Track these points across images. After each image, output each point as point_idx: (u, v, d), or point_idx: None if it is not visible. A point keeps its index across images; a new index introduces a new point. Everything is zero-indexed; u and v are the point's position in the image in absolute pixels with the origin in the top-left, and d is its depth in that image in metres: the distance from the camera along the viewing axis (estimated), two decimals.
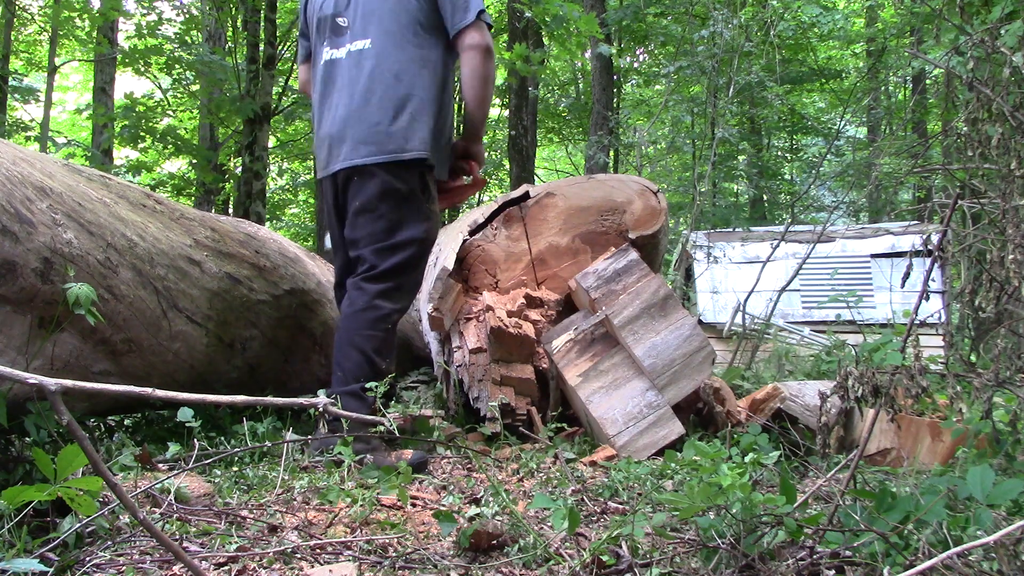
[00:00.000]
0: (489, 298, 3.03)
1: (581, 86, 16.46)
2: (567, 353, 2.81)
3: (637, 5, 11.49)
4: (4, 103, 10.14)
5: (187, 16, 9.88)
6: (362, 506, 1.72)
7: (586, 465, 2.38)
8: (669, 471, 2.15)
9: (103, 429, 2.75)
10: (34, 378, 1.09)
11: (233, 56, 9.54)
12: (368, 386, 2.35)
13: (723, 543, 1.39)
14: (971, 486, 1.38)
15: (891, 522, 1.35)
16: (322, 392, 2.27)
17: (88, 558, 1.38)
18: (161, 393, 1.22)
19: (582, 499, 1.91)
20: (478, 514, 1.66)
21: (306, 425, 2.85)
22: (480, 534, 1.51)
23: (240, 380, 2.72)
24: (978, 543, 1.12)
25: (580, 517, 1.49)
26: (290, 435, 2.35)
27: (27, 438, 1.73)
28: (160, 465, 2.09)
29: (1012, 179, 1.54)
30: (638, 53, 14.88)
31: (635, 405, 2.61)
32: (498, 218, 3.31)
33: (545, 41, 12.23)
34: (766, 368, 6.00)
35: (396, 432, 2.22)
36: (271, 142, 10.49)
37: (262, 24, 8.27)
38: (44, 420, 1.67)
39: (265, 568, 1.39)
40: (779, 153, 18.27)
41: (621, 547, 1.44)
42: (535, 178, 13.82)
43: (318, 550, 1.50)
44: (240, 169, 8.40)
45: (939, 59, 1.75)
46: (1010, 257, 1.49)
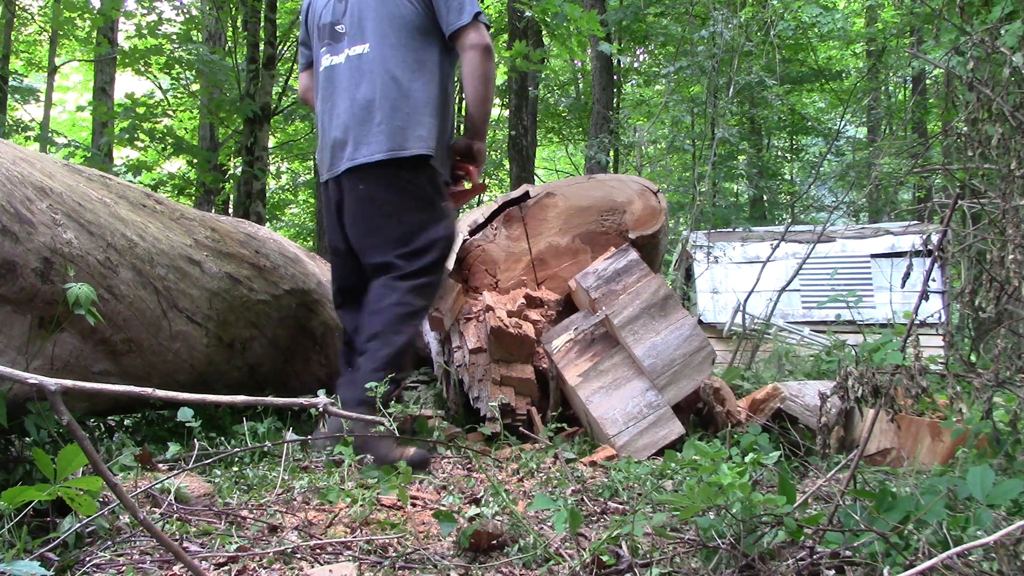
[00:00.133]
0: (489, 298, 3.03)
1: (581, 86, 16.46)
2: (567, 353, 2.81)
3: (637, 5, 11.49)
4: (4, 103, 10.14)
5: (187, 16, 9.87)
6: (362, 506, 1.72)
7: (586, 465, 2.38)
8: (669, 471, 2.15)
9: (103, 429, 2.75)
10: (34, 378, 1.09)
11: (233, 56, 9.54)
12: (368, 386, 2.35)
13: (723, 543, 1.39)
14: (971, 486, 1.38)
15: (891, 522, 1.35)
16: (322, 392, 2.27)
17: (88, 558, 1.38)
18: (161, 393, 1.22)
19: (582, 499, 1.91)
20: (478, 514, 1.66)
21: (306, 425, 2.85)
22: (480, 534, 1.51)
23: (240, 380, 2.72)
24: (978, 543, 1.12)
25: (581, 517, 1.49)
26: (290, 435, 2.35)
27: (27, 438, 1.73)
28: (160, 465, 2.09)
29: (1012, 179, 1.54)
30: (638, 53, 14.87)
31: (635, 405, 2.61)
32: (498, 218, 3.32)
33: (545, 41, 12.24)
34: (766, 368, 6.00)
35: (396, 432, 2.22)
36: (271, 142, 10.49)
37: (262, 24, 8.27)
38: (44, 420, 1.67)
39: (265, 568, 1.39)
40: (779, 153, 18.26)
41: (621, 547, 1.44)
42: (535, 178, 13.82)
43: (318, 550, 1.50)
44: (240, 169, 8.40)
45: (939, 59, 1.75)
46: (1010, 257, 1.49)
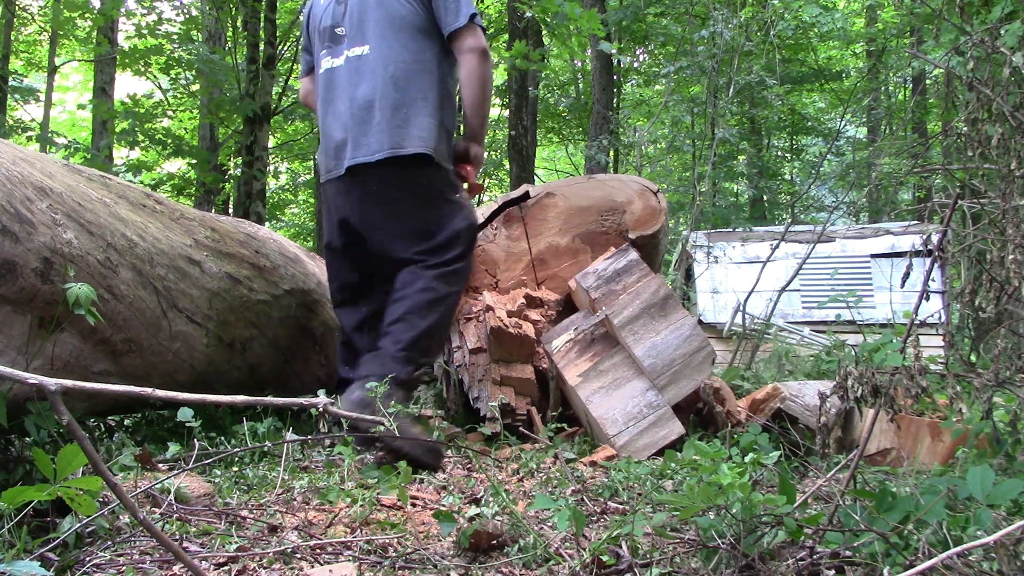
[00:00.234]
0: (489, 298, 3.03)
1: (581, 86, 16.46)
2: (567, 353, 2.81)
3: (637, 5, 11.49)
4: (4, 103, 10.14)
5: (187, 16, 9.87)
6: (362, 506, 1.72)
7: (586, 465, 2.38)
8: (669, 471, 2.15)
9: (103, 429, 2.75)
10: (34, 378, 1.09)
11: (233, 56, 9.54)
12: (368, 386, 2.36)
13: (723, 543, 1.39)
14: (971, 486, 1.38)
15: (891, 522, 1.35)
16: (322, 392, 2.28)
17: (88, 558, 1.38)
18: (161, 393, 1.22)
19: (582, 499, 1.91)
20: (478, 514, 1.66)
21: (306, 425, 2.85)
22: (480, 534, 1.51)
23: (240, 380, 2.72)
24: (978, 543, 1.12)
25: (585, 518, 1.49)
26: (290, 435, 2.35)
27: (27, 438, 1.73)
28: (160, 465, 2.09)
29: (1012, 179, 1.54)
30: (638, 53, 14.88)
31: (635, 405, 2.61)
32: (498, 218, 3.32)
33: (545, 41, 12.23)
34: (766, 368, 6.00)
35: (396, 432, 2.22)
36: (271, 142, 10.49)
37: (262, 24, 8.27)
38: (44, 420, 1.67)
39: (265, 568, 1.39)
40: (779, 153, 18.26)
41: (621, 547, 1.44)
42: (535, 178, 13.82)
43: (318, 550, 1.50)
44: (240, 169, 8.40)
45: (939, 59, 1.75)
46: (1010, 257, 1.49)
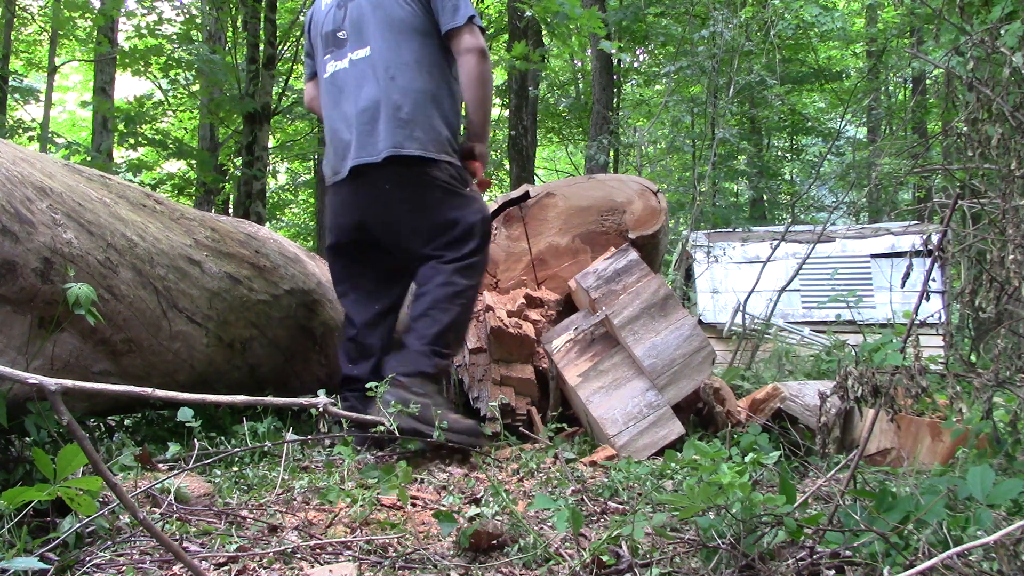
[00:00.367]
0: (489, 298, 3.03)
1: (581, 86, 16.46)
2: (567, 353, 2.81)
3: (637, 5, 11.50)
4: (4, 103, 10.13)
5: (187, 16, 9.86)
6: (362, 506, 1.72)
7: (586, 465, 2.38)
8: (669, 471, 2.15)
9: (103, 429, 2.75)
10: (34, 378, 1.09)
11: (233, 56, 9.53)
12: (368, 386, 2.36)
13: (723, 543, 1.39)
14: (971, 486, 1.38)
15: (891, 522, 1.35)
16: (322, 392, 2.27)
17: (88, 558, 1.38)
18: (161, 393, 1.22)
19: (582, 499, 1.91)
20: (478, 514, 1.66)
21: (306, 425, 2.85)
22: (480, 534, 1.51)
23: (240, 380, 2.72)
24: (978, 543, 1.12)
25: (583, 518, 1.49)
26: (290, 435, 2.35)
27: (27, 438, 1.73)
28: (160, 465, 2.09)
29: (1012, 179, 1.54)
30: (638, 53, 14.88)
31: (635, 405, 2.61)
32: (498, 218, 3.32)
33: (546, 40, 12.23)
34: (766, 368, 6.00)
35: (396, 432, 2.22)
36: (271, 142, 10.49)
37: (262, 24, 8.27)
38: (44, 420, 1.67)
39: (265, 568, 1.39)
40: (779, 153, 18.26)
41: (621, 547, 1.44)
42: (535, 178, 13.82)
43: (318, 550, 1.50)
44: (240, 169, 8.39)
45: (939, 59, 1.75)
46: (1010, 257, 1.49)
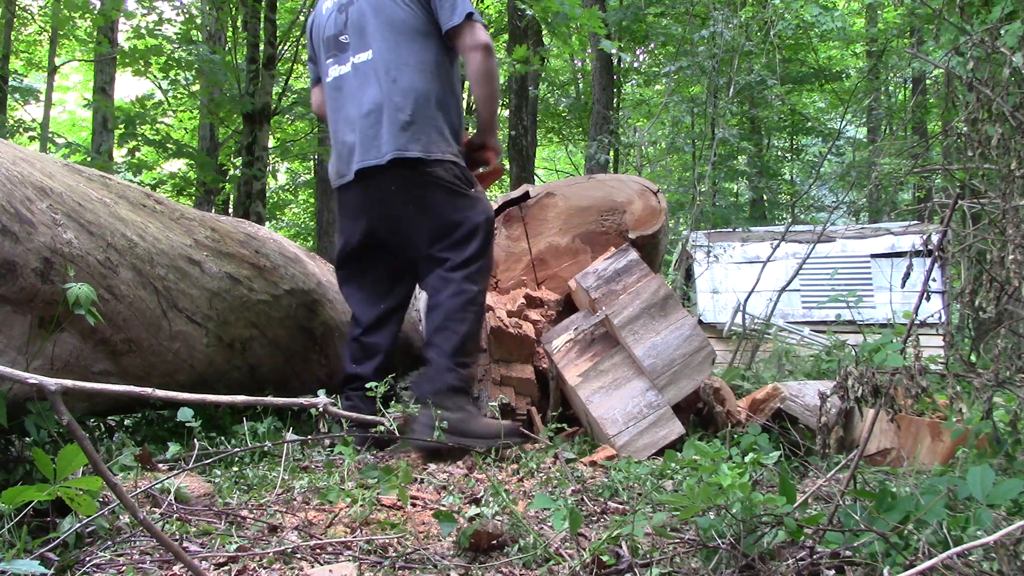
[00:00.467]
0: (489, 298, 3.03)
1: (581, 86, 16.47)
2: (567, 353, 2.81)
3: (637, 5, 11.50)
4: (4, 103, 10.13)
5: (187, 16, 9.86)
6: (362, 506, 1.72)
7: (586, 465, 2.38)
8: (669, 471, 2.15)
9: (103, 429, 2.75)
10: (34, 378, 1.09)
11: (233, 56, 9.53)
12: (368, 386, 2.37)
13: (723, 543, 1.39)
14: (971, 486, 1.38)
15: (891, 522, 1.35)
16: (322, 392, 2.27)
17: (88, 558, 1.38)
18: (161, 393, 1.22)
19: (582, 499, 1.91)
20: (478, 514, 1.66)
21: (306, 425, 2.85)
22: (480, 534, 1.51)
23: (240, 380, 2.72)
24: (978, 543, 1.12)
25: (581, 517, 1.49)
26: (290, 435, 2.35)
27: (27, 438, 1.73)
28: (160, 465, 2.09)
29: (1012, 179, 1.54)
30: (638, 53, 14.88)
31: (635, 405, 2.61)
32: (498, 218, 3.32)
33: (546, 40, 12.23)
34: (766, 368, 6.00)
35: (397, 432, 2.23)
36: (271, 142, 10.48)
37: (262, 24, 8.26)
38: (44, 420, 1.67)
39: (265, 568, 1.39)
40: (779, 153, 18.27)
41: (621, 547, 1.44)
42: (535, 178, 13.82)
43: (318, 550, 1.50)
44: (240, 169, 8.39)
45: (939, 59, 1.75)
46: (1010, 257, 1.49)
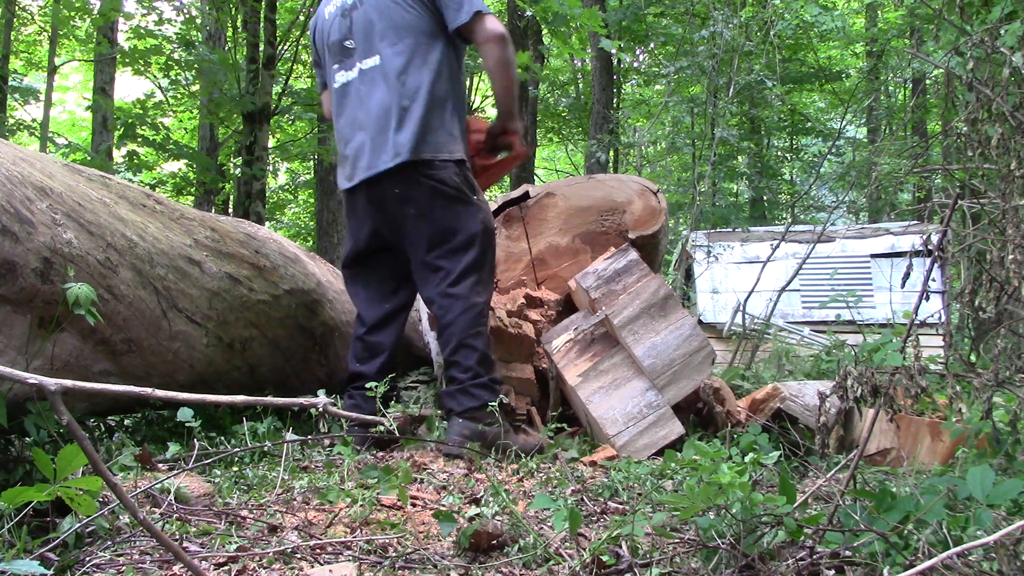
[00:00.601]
0: None
1: (581, 86, 16.46)
2: (567, 353, 2.81)
3: (637, 5, 11.50)
4: (4, 103, 10.13)
5: (187, 16, 9.86)
6: (362, 506, 1.72)
7: (586, 465, 2.38)
8: (669, 471, 2.15)
9: (103, 429, 2.75)
10: (34, 378, 1.09)
11: (233, 56, 9.53)
12: (368, 386, 2.37)
13: (723, 543, 1.39)
14: (971, 486, 1.38)
15: (891, 522, 1.35)
16: (322, 392, 2.27)
17: (88, 558, 1.38)
18: (161, 393, 1.22)
19: (582, 499, 1.91)
20: (478, 514, 1.66)
21: (306, 425, 2.85)
22: (480, 534, 1.50)
23: (240, 380, 2.72)
24: (978, 543, 1.12)
25: (581, 517, 1.49)
26: (290, 435, 2.35)
27: (27, 438, 1.73)
28: (160, 465, 2.09)
29: (1012, 179, 1.54)
30: (638, 53, 14.88)
31: (635, 405, 2.61)
32: (498, 218, 3.32)
33: (546, 40, 12.23)
34: (766, 368, 6.00)
35: (396, 432, 2.23)
36: (271, 142, 10.48)
37: (262, 24, 8.26)
38: (44, 420, 1.67)
39: (265, 568, 1.39)
40: (779, 153, 18.26)
41: (621, 547, 1.44)
42: (535, 178, 13.83)
43: (318, 550, 1.50)
44: (240, 169, 8.39)
45: (939, 59, 1.75)
46: (1010, 257, 1.49)
